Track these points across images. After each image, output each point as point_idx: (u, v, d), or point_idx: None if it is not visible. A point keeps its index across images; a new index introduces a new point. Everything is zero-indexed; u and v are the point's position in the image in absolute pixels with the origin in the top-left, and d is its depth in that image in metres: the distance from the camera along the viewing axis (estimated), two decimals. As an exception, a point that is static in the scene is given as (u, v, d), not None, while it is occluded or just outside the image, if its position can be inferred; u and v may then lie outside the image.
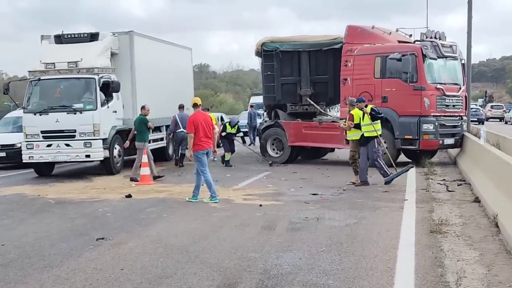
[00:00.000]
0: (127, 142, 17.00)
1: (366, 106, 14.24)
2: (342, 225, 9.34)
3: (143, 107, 16.34)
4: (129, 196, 12.93)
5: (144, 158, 15.49)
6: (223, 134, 19.64)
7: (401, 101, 17.24)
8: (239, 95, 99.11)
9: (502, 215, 8.52)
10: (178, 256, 7.61)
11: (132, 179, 15.52)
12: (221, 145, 19.53)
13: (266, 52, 19.90)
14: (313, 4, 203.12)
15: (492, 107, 63.53)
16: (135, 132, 16.26)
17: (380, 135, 14.29)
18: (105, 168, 17.48)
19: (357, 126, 14.17)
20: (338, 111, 19.81)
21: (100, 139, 16.76)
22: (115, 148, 17.48)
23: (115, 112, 17.60)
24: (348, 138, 14.75)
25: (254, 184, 14.78)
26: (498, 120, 58.29)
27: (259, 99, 33.28)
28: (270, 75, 20.02)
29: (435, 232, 8.50)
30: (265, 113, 22.58)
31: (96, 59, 17.11)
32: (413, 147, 17.47)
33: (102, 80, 16.83)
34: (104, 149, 16.84)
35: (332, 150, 21.53)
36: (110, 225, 9.84)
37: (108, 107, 17.10)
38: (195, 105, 12.53)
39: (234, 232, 8.99)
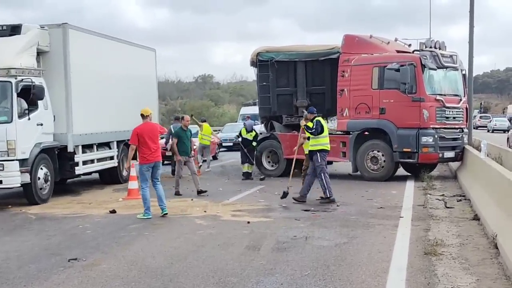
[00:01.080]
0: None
1: (314, 118, 13.46)
2: (332, 245, 8.78)
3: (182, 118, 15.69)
4: (113, 211, 12.39)
5: (132, 172, 14.94)
6: (239, 140, 19.04)
7: (399, 113, 16.70)
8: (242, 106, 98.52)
9: (502, 235, 7.95)
10: (151, 280, 7.06)
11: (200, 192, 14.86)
12: None
13: (261, 62, 19.41)
14: (317, 15, 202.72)
15: (480, 117, 68.51)
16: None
17: (318, 150, 13.32)
18: (26, 196, 13.92)
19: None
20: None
21: (16, 160, 13.20)
22: (40, 171, 13.93)
23: (41, 125, 14.05)
24: (305, 153, 14.25)
25: (245, 198, 14.22)
26: (485, 128, 62.20)
27: (250, 110, 32.06)
28: (266, 86, 19.52)
29: (429, 254, 7.93)
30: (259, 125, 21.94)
31: (15, 58, 13.68)
32: (412, 160, 16.90)
33: (21, 84, 13.39)
34: (23, 172, 13.30)
35: (330, 162, 20.95)
36: (86, 244, 9.29)
37: (29, 118, 13.59)
38: (142, 116, 11.93)
39: (215, 253, 8.43)
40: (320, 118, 13.67)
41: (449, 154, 17.26)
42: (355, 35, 18.34)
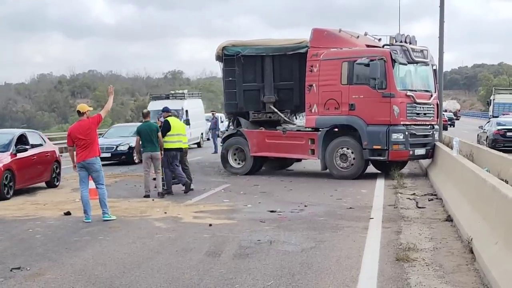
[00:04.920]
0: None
1: (168, 117, 14.63)
2: (298, 250, 8.20)
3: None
4: (68, 213, 11.67)
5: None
6: None
7: (369, 109, 16.19)
8: (212, 102, 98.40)
9: (478, 240, 7.45)
10: (98, 292, 6.41)
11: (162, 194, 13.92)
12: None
13: (227, 56, 18.71)
14: (282, 12, 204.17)
15: None
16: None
17: (169, 149, 14.23)
18: None
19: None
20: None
21: None
22: None
23: None
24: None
25: (209, 198, 13.59)
26: None
27: (160, 105, 28.81)
28: (232, 81, 18.84)
29: (401, 260, 7.40)
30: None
31: None
32: (382, 158, 16.40)
33: None
34: None
35: (299, 160, 20.46)
36: (33, 250, 8.58)
37: None
38: (79, 113, 11.13)
39: (172, 260, 7.79)
40: (170, 118, 14.66)
41: (420, 151, 16.83)
42: (324, 28, 17.77)
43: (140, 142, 14.05)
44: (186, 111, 30.32)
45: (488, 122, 32.20)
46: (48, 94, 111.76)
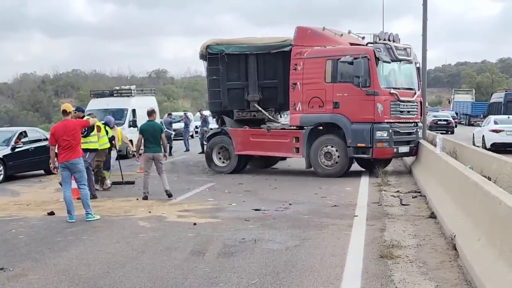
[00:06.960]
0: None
1: (83, 116, 13.78)
2: (282, 248, 8.21)
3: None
4: (51, 213, 11.59)
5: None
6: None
7: (353, 107, 16.22)
8: (197, 100, 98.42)
9: (461, 236, 7.49)
10: (82, 292, 6.37)
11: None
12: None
13: (211, 55, 18.64)
14: (266, 11, 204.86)
15: None
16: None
17: (93, 149, 14.38)
18: None
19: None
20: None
21: None
22: None
23: None
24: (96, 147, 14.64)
25: (194, 197, 13.56)
26: None
27: (100, 104, 25.49)
28: (216, 80, 18.78)
29: (385, 257, 7.43)
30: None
31: None
32: (366, 155, 16.45)
33: None
34: None
35: (284, 158, 20.47)
36: (17, 251, 8.52)
37: None
38: (64, 112, 11.05)
39: (156, 259, 7.77)
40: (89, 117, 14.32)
41: (404, 149, 16.90)
42: (307, 27, 17.76)
43: (143, 142, 13.73)
44: (134, 110, 26.13)
45: (428, 114, 43.26)
46: (31, 94, 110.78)
